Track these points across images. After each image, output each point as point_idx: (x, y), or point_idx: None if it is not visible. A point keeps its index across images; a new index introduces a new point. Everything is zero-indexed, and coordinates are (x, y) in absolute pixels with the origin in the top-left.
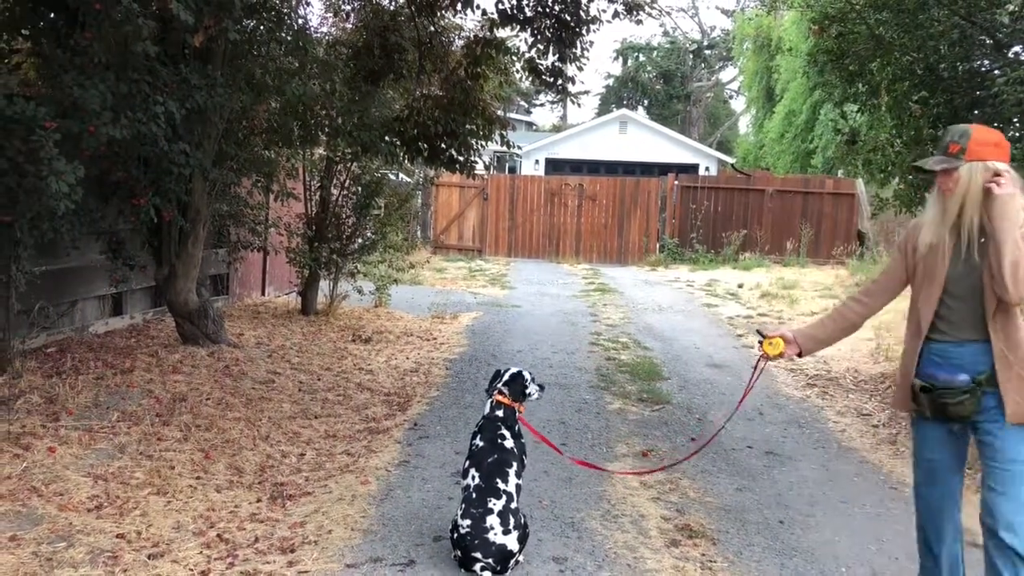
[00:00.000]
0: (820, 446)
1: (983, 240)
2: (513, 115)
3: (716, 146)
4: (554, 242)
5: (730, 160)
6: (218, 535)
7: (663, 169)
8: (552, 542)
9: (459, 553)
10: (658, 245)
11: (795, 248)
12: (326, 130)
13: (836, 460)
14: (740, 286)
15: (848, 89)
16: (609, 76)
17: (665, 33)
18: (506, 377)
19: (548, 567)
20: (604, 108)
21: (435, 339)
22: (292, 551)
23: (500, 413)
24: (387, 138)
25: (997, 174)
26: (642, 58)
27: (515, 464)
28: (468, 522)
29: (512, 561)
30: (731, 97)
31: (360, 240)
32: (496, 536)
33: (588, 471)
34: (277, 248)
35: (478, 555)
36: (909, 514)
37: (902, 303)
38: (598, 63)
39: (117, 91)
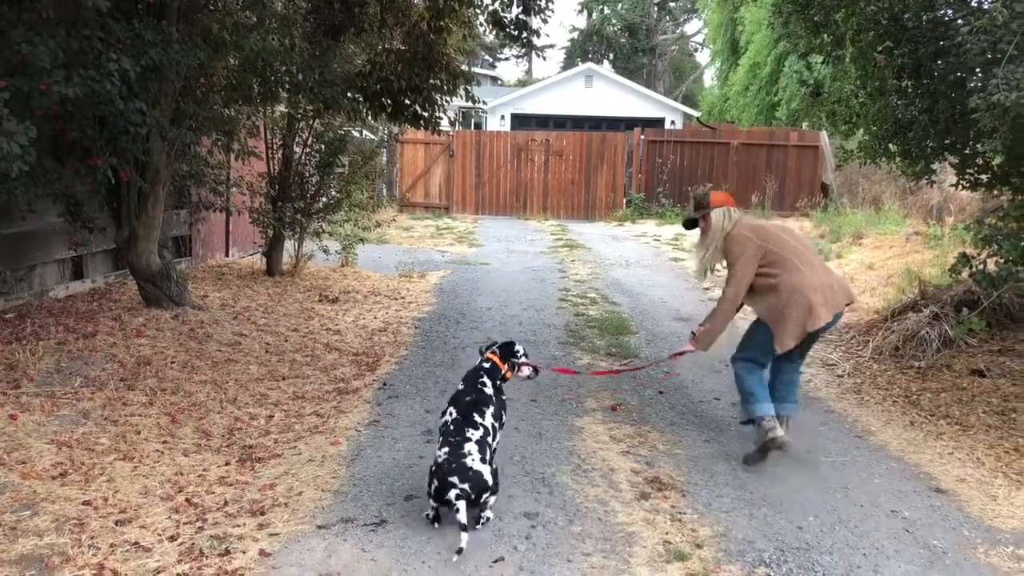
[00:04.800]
0: None
1: None
2: (478, 70)
3: (681, 99)
4: (521, 199)
5: (695, 114)
6: (187, 499)
7: (629, 123)
8: (523, 498)
9: (436, 483)
10: (625, 200)
11: (760, 201)
12: (286, 87)
13: (802, 410)
14: None
15: (813, 40)
16: (574, 29)
17: None
18: (500, 342)
19: (520, 523)
20: (569, 62)
21: (403, 298)
22: (262, 513)
23: (486, 366)
24: (349, 94)
25: None
26: (607, 11)
27: (492, 407)
28: (446, 450)
29: (486, 495)
30: (696, 50)
31: (324, 199)
32: (473, 463)
33: (558, 427)
34: (240, 208)
35: (455, 480)
36: (873, 461)
37: (863, 254)
38: (563, 16)
39: (68, 48)
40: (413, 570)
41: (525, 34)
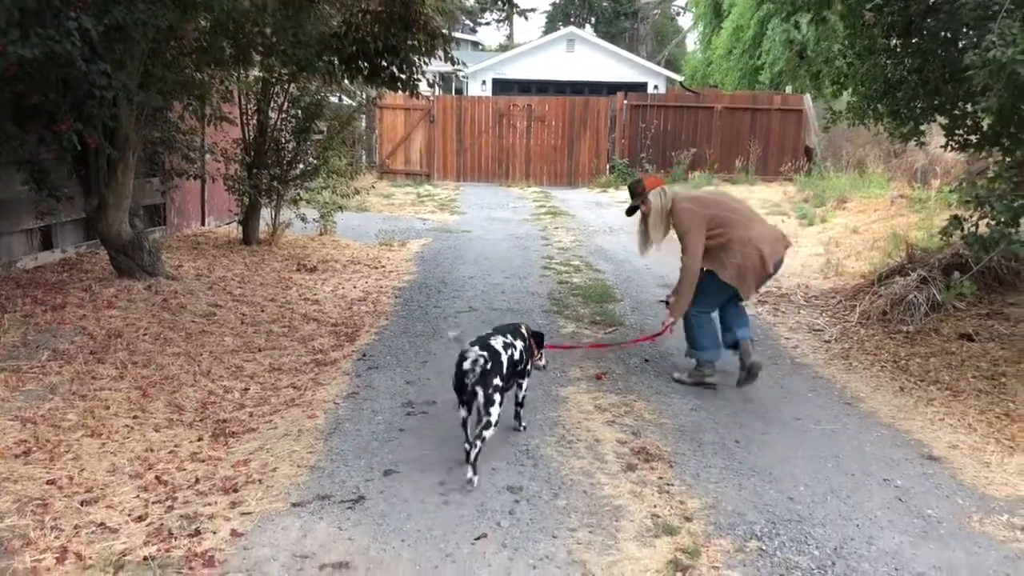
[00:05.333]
0: (773, 363)
1: None
2: (459, 34)
3: (664, 64)
4: (503, 165)
5: (678, 78)
6: (156, 477)
7: (612, 88)
8: (507, 471)
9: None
10: (608, 166)
11: (744, 166)
12: (259, 49)
13: (790, 377)
14: None
15: None
16: None
17: None
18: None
19: (503, 497)
20: (551, 26)
21: (383, 267)
22: (235, 491)
23: (524, 332)
24: (324, 56)
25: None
26: None
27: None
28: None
29: (493, 365)
30: (678, 14)
31: (301, 165)
32: (496, 343)
33: (543, 397)
34: (214, 176)
35: (476, 347)
36: (863, 428)
37: (848, 218)
38: None
39: (24, 6)
40: (392, 548)
41: None
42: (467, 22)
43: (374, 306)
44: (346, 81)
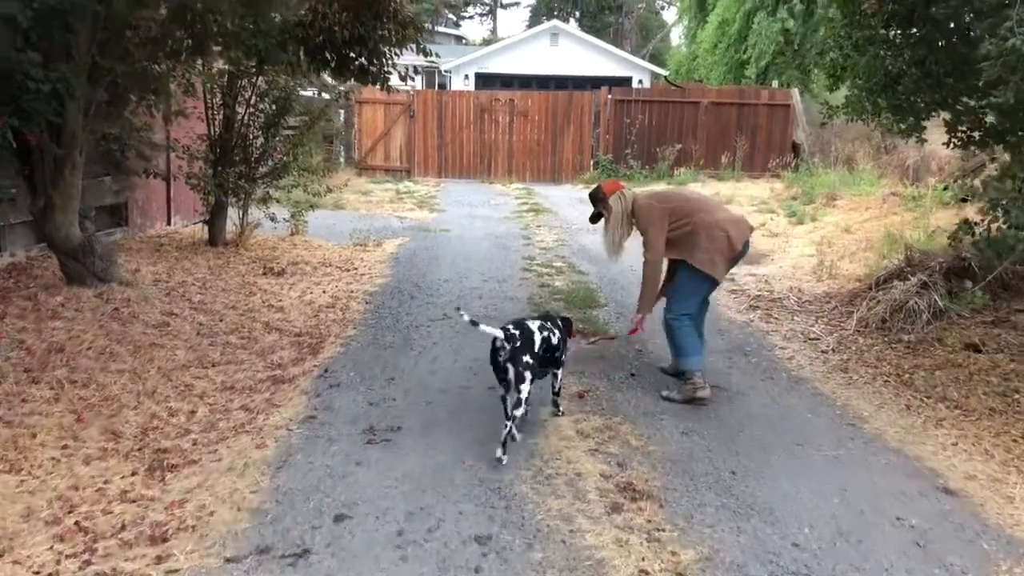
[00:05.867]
0: (768, 377)
1: None
2: (441, 28)
3: (649, 58)
4: (486, 161)
5: (663, 72)
6: (77, 523)
7: (596, 83)
8: (475, 515)
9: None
10: (592, 162)
11: (730, 162)
12: (219, 39)
13: (787, 393)
14: None
15: None
16: None
17: None
18: (562, 316)
19: (469, 550)
20: (535, 20)
21: (355, 269)
22: (164, 540)
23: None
24: (290, 47)
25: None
26: None
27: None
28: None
29: (524, 344)
30: (663, 8)
31: (270, 162)
32: (532, 324)
33: (519, 421)
34: (176, 174)
35: (510, 326)
36: (870, 454)
37: (838, 216)
38: None
39: None
40: None
41: None
42: (451, 16)
43: (342, 313)
44: (323, 74)
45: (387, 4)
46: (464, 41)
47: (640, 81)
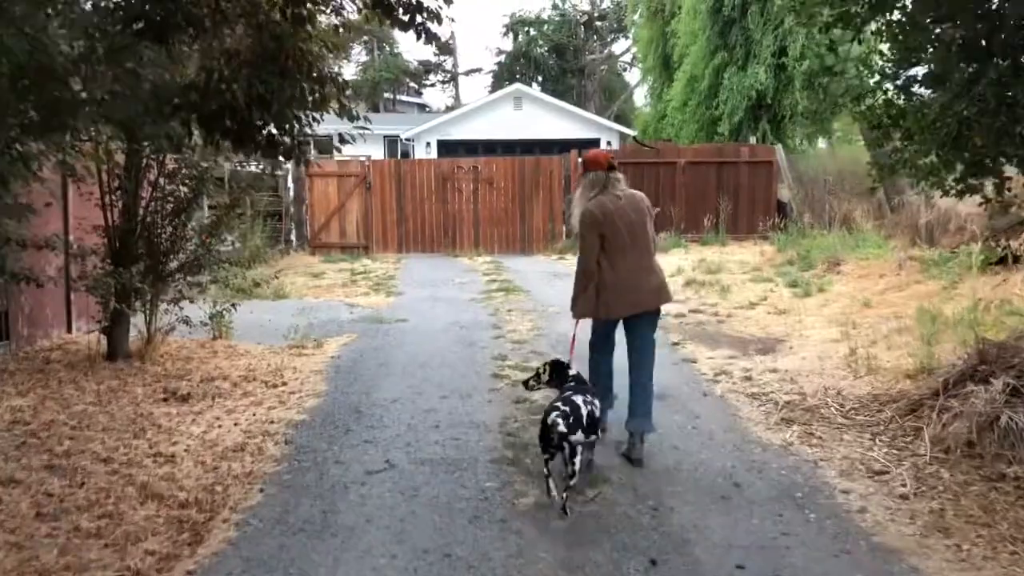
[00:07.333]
0: (842, 549)
1: None
2: (404, 97)
3: (614, 119)
4: (450, 233)
5: (631, 132)
6: None
7: (563, 146)
8: None
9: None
10: (564, 229)
11: (713, 224)
12: (73, 111)
13: None
14: None
15: (833, 7)
16: (500, 52)
17: (554, 6)
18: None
19: None
20: (497, 85)
21: (285, 385)
22: None
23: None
24: (180, 114)
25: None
26: (532, 32)
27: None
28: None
29: (575, 420)
30: (625, 69)
31: (183, 256)
32: (577, 399)
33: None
34: (56, 279)
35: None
36: None
37: (849, 285)
38: (489, 39)
39: None
40: None
41: (422, 19)
42: (411, 84)
43: (252, 461)
44: (209, 146)
45: (296, 55)
46: (427, 109)
47: (608, 142)
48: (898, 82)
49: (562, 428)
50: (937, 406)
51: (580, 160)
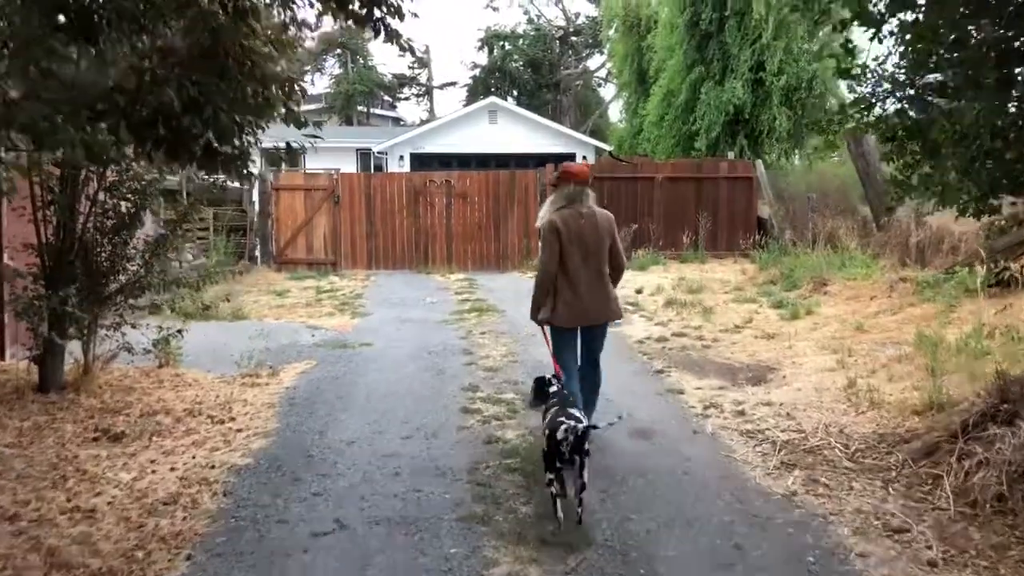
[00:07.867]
0: None
1: None
2: (378, 111)
3: (589, 134)
4: (422, 249)
5: (607, 147)
6: None
7: (538, 160)
8: None
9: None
10: (540, 245)
11: (692, 241)
12: None
13: None
14: (639, 292)
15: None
16: (475, 66)
17: (530, 21)
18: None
19: None
20: (472, 99)
21: (232, 421)
22: None
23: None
24: (106, 121)
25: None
26: (508, 46)
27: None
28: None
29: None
30: (600, 85)
31: (124, 276)
32: (576, 412)
33: None
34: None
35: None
36: None
37: (838, 308)
38: (464, 54)
39: None
40: None
41: (381, 13)
42: (386, 97)
43: (183, 518)
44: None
45: (239, 55)
46: (402, 122)
47: (584, 157)
48: (910, 91)
49: (573, 441)
50: (956, 450)
51: (556, 172)
